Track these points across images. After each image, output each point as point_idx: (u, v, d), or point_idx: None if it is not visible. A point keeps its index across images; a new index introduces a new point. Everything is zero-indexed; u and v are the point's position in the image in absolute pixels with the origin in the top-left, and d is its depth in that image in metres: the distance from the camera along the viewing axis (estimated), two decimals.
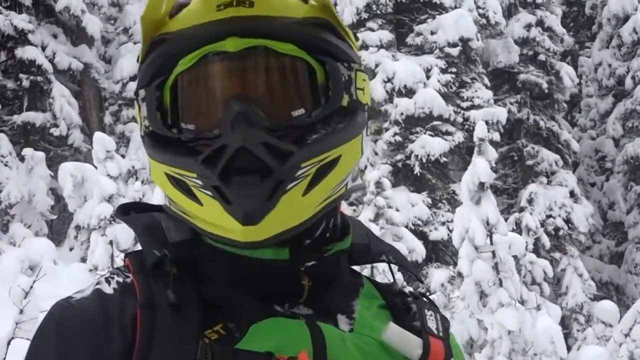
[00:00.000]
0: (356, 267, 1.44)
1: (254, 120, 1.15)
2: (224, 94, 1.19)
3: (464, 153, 19.94)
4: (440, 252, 18.68)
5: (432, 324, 1.35)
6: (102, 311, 1.17)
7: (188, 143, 1.21)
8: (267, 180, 1.15)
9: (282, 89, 1.20)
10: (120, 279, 1.24)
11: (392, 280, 1.49)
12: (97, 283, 1.24)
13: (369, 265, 9.48)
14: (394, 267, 1.48)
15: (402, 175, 19.15)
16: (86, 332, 1.14)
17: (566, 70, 23.42)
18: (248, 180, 1.15)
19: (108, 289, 1.22)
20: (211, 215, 1.20)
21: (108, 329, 1.14)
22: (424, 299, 1.44)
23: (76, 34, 20.42)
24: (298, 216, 1.20)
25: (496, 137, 19.18)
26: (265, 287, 1.24)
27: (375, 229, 12.72)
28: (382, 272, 9.59)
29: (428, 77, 19.24)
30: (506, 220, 13.54)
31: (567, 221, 20.55)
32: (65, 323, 1.16)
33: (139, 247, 1.32)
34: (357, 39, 1.37)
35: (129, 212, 1.39)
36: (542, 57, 23.26)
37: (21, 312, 7.12)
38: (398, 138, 19.09)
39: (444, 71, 19.63)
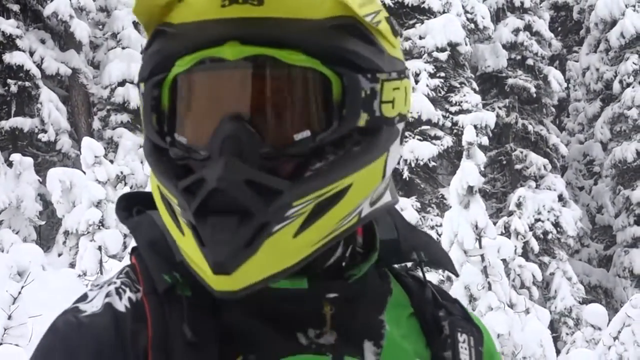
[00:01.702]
0: None
1: (246, 146, 0.99)
2: (217, 109, 1.03)
3: (452, 157, 19.98)
4: None
5: (464, 356, 1.22)
6: (116, 334, 1.06)
7: (177, 160, 1.07)
8: (246, 223, 0.98)
9: (284, 107, 1.02)
10: (132, 295, 1.11)
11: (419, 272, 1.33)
12: (107, 294, 1.12)
13: None
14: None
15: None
16: (98, 358, 1.03)
17: (554, 75, 23.51)
18: (225, 222, 0.98)
19: (120, 305, 1.10)
20: (190, 250, 1.04)
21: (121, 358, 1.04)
22: (456, 309, 1.30)
23: (64, 39, 20.35)
24: (285, 260, 1.02)
25: (485, 141, 19.22)
26: (285, 314, 1.11)
27: None
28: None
29: (417, 82, 19.28)
30: (495, 224, 13.55)
31: (556, 225, 20.60)
32: (74, 344, 1.05)
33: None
34: (396, 34, 1.14)
35: (131, 206, 1.25)
36: (530, 62, 23.34)
37: (9, 317, 7.10)
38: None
39: (432, 76, 19.67)
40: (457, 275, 1.40)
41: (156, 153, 1.10)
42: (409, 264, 1.32)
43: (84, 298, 1.14)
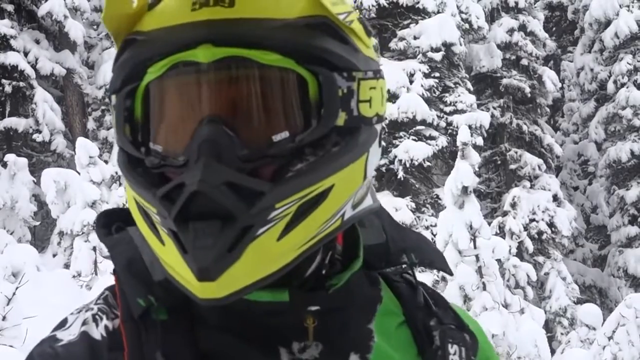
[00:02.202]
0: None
1: (224, 149, 0.97)
2: (192, 113, 1.00)
3: (447, 157, 19.97)
4: None
5: None
6: None
7: (153, 169, 1.04)
8: (229, 227, 0.96)
9: (261, 108, 1.00)
10: (109, 323, 1.09)
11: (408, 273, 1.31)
12: (84, 322, 1.10)
13: None
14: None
15: (386, 180, 19.14)
16: None
17: (549, 75, 23.53)
18: (206, 227, 0.96)
19: (96, 333, 1.08)
20: (171, 259, 1.01)
21: None
22: (449, 317, 1.27)
23: (59, 40, 20.34)
24: (270, 265, 1.00)
25: (479, 141, 19.21)
26: (267, 328, 1.08)
27: None
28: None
29: (411, 82, 19.25)
30: (489, 224, 13.56)
31: (551, 225, 20.62)
32: None
33: None
34: (369, 34, 1.13)
35: (110, 223, 1.21)
36: (524, 62, 23.35)
37: (4, 318, 7.09)
38: (381, 142, 19.04)
39: (427, 76, 19.64)
40: (451, 274, 1.34)
41: (131, 164, 1.07)
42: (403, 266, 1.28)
43: (63, 324, 1.12)
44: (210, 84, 1.00)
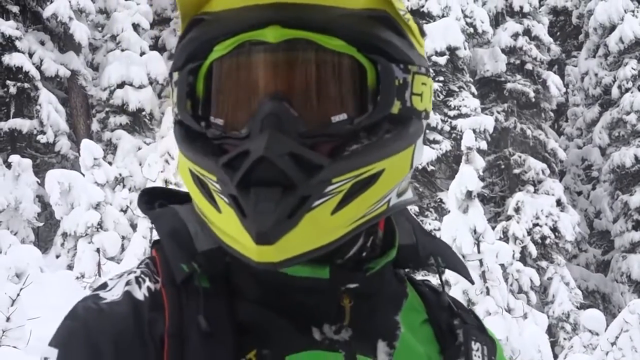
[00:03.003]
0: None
1: (286, 124, 1.01)
2: (257, 89, 1.05)
3: (451, 161, 19.99)
4: None
5: None
6: (134, 322, 1.07)
7: (214, 140, 1.09)
8: (289, 194, 1.00)
9: (323, 90, 1.05)
10: (151, 285, 1.13)
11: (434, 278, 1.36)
12: (127, 283, 1.13)
13: None
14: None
15: None
16: (117, 344, 1.05)
17: (553, 79, 23.51)
18: (268, 193, 1.00)
19: (139, 294, 1.11)
20: (228, 226, 1.06)
21: (139, 347, 1.06)
22: (471, 319, 1.32)
23: (64, 41, 20.35)
24: (324, 237, 1.04)
25: (483, 145, 19.22)
26: (303, 307, 1.12)
27: None
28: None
29: None
30: (493, 228, 13.56)
31: (554, 230, 20.60)
32: (94, 330, 1.06)
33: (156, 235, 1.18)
34: (423, 34, 1.21)
35: (153, 200, 1.27)
36: (529, 66, 23.35)
37: (8, 319, 7.09)
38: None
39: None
40: (472, 282, 1.42)
41: (190, 137, 1.11)
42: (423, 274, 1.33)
43: (103, 286, 1.15)
44: (275, 63, 1.05)
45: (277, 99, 1.02)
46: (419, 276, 1.37)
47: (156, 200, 1.27)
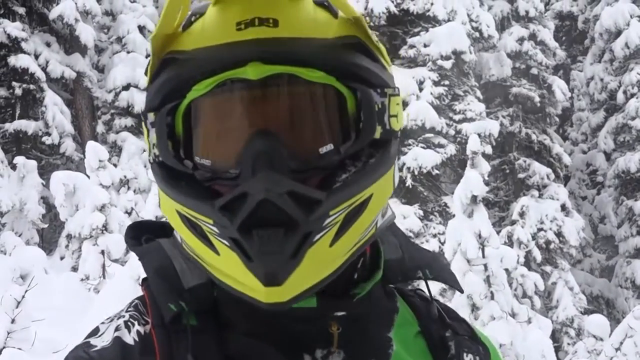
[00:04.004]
0: None
1: (278, 162, 1.01)
2: (244, 127, 1.04)
3: (455, 165, 19.95)
4: None
5: None
6: None
7: (204, 182, 1.08)
8: (292, 234, 1.01)
9: (309, 122, 1.06)
10: (141, 328, 1.13)
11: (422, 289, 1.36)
12: (117, 328, 1.14)
13: None
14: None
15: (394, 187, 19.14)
16: None
17: (558, 84, 23.50)
18: (271, 234, 1.00)
19: (128, 338, 1.12)
20: (229, 268, 1.05)
21: None
22: (463, 329, 1.32)
23: (69, 43, 20.39)
24: (325, 269, 1.06)
25: (488, 150, 19.19)
26: (292, 334, 1.12)
27: None
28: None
29: (421, 90, 19.24)
30: (498, 233, 13.55)
31: (558, 234, 20.56)
32: None
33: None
34: (388, 54, 1.21)
35: (140, 235, 1.27)
36: (534, 71, 23.34)
37: (13, 321, 7.10)
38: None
39: (436, 84, 19.63)
40: (462, 291, 1.40)
41: (173, 178, 1.10)
42: (416, 283, 1.34)
43: (95, 332, 1.16)
44: (259, 100, 1.05)
45: (265, 136, 1.02)
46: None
47: (143, 234, 1.26)
